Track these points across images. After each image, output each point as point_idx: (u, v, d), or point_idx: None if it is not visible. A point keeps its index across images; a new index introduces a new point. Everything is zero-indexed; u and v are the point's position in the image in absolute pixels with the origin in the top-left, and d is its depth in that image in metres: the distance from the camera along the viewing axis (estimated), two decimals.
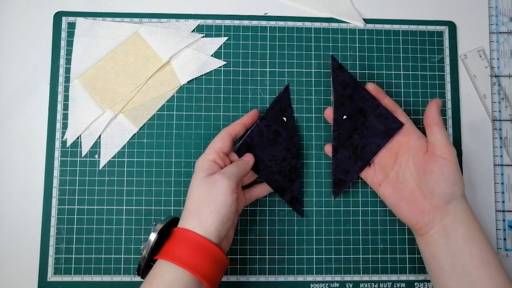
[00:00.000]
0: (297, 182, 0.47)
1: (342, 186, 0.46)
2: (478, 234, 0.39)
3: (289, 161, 0.46)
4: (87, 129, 0.48)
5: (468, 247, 0.39)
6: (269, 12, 0.51)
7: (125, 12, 0.50)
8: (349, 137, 0.46)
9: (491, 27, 0.52)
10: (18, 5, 0.50)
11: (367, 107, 0.46)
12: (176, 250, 0.37)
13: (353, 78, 0.46)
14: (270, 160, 0.46)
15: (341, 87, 0.46)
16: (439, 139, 0.41)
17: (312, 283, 0.47)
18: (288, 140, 0.47)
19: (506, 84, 0.50)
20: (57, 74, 0.49)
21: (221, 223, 0.38)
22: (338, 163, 0.46)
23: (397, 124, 0.45)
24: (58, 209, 0.47)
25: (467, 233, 0.39)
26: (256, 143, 0.46)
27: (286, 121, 0.47)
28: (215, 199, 0.38)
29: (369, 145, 0.45)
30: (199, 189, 0.39)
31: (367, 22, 0.51)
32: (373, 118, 0.45)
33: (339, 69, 0.46)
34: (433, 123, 0.42)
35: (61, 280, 0.46)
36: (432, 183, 0.40)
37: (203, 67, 0.49)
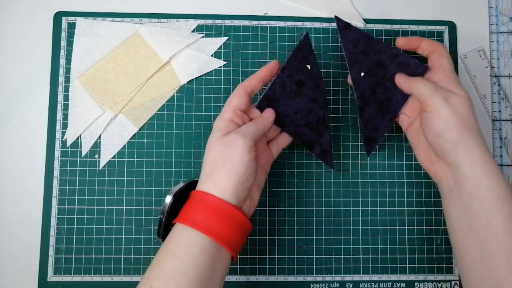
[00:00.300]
0: (326, 134, 0.44)
1: (374, 143, 0.45)
2: (485, 192, 0.36)
3: (316, 112, 0.43)
4: (87, 129, 0.48)
5: (474, 207, 0.37)
6: (269, 12, 0.51)
7: (125, 12, 0.50)
8: (372, 93, 0.44)
9: (491, 27, 0.52)
10: (18, 5, 0.50)
11: (385, 58, 0.44)
12: (193, 213, 0.36)
13: (364, 33, 0.44)
14: (295, 113, 0.43)
15: (352, 45, 0.43)
16: (420, 94, 0.40)
17: (312, 283, 0.47)
18: (313, 89, 0.43)
19: (506, 84, 0.50)
20: (57, 74, 0.49)
21: (239, 184, 0.36)
22: (366, 121, 0.44)
23: (421, 69, 0.43)
24: (58, 209, 0.47)
25: (473, 191, 0.37)
26: (279, 96, 0.42)
27: (310, 69, 0.43)
28: (229, 159, 0.37)
29: (394, 97, 0.44)
30: (214, 150, 0.38)
31: (367, 22, 0.51)
32: (394, 68, 0.43)
33: (346, 28, 0.43)
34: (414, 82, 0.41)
35: (61, 280, 0.46)
36: (423, 134, 0.40)
37: (203, 67, 0.49)
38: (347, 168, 0.49)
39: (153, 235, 0.47)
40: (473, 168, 0.37)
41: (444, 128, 0.38)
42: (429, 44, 0.43)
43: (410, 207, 0.48)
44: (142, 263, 0.46)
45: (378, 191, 0.48)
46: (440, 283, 0.47)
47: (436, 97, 0.38)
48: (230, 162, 0.37)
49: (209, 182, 0.37)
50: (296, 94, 0.43)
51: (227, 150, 0.37)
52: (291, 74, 0.42)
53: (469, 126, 0.38)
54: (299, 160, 0.48)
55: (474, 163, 0.37)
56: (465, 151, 0.37)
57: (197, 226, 0.35)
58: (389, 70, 0.44)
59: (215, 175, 0.37)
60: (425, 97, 0.39)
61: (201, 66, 0.49)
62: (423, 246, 0.48)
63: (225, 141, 0.38)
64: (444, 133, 0.38)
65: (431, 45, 0.43)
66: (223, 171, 0.37)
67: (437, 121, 0.38)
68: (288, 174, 0.48)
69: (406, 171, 0.49)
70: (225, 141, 0.38)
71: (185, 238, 0.35)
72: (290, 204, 0.48)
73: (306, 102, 0.43)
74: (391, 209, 0.48)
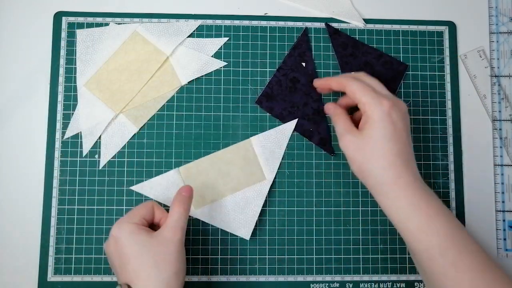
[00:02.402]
0: (323, 124, 0.48)
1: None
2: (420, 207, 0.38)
3: (311, 105, 0.48)
4: (88, 129, 0.48)
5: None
6: (269, 12, 0.51)
7: (125, 12, 0.50)
8: None
9: (491, 27, 0.52)
10: (18, 5, 0.50)
11: (371, 58, 0.49)
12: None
13: (351, 37, 0.50)
14: (292, 107, 0.48)
15: (341, 48, 0.49)
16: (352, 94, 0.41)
17: (312, 283, 0.47)
18: (307, 85, 0.48)
19: (506, 84, 0.50)
20: (57, 74, 0.49)
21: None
22: None
23: (402, 66, 0.49)
24: (58, 209, 0.47)
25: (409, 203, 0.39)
26: (276, 92, 0.48)
27: (305, 66, 0.48)
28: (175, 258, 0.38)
29: None
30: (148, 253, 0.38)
31: (367, 22, 0.51)
32: (380, 67, 0.49)
33: (335, 33, 0.50)
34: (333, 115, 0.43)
35: (61, 280, 0.46)
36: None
37: (204, 68, 0.49)
38: (347, 168, 0.49)
39: None
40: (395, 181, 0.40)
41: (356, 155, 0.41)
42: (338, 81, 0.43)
43: None
44: None
45: None
46: None
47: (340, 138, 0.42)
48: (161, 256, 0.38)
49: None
50: (292, 90, 0.49)
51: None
52: (286, 73, 0.49)
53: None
54: (299, 160, 0.48)
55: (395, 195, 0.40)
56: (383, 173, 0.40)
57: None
58: (376, 69, 0.49)
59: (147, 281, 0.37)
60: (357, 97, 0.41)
61: (201, 66, 0.49)
62: None
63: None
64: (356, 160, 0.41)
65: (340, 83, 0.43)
66: (155, 274, 0.37)
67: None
68: (288, 174, 0.48)
69: None
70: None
71: None
72: (290, 204, 0.48)
73: (301, 97, 0.48)
74: None
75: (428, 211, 0.38)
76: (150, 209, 0.41)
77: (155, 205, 0.42)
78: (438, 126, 0.49)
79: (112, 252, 0.39)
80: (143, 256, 0.37)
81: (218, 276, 0.47)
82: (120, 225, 0.39)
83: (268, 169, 0.48)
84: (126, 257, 0.37)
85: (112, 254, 0.39)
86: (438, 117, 0.50)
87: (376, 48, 0.50)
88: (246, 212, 0.47)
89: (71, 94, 0.48)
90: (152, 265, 0.37)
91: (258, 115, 0.49)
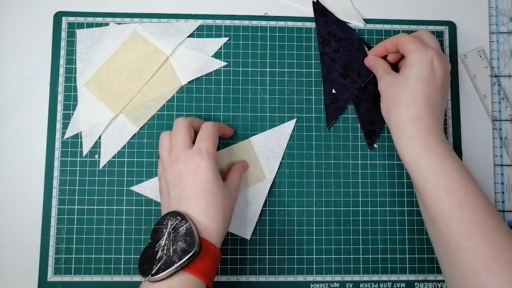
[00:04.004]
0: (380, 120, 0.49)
1: (374, 136, 0.49)
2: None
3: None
4: (88, 129, 0.48)
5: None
6: (269, 12, 0.51)
7: (125, 12, 0.50)
8: (364, 90, 0.49)
9: (491, 27, 0.52)
10: (18, 5, 0.50)
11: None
12: (207, 266, 0.36)
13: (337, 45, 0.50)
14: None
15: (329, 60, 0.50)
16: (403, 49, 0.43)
17: (312, 283, 0.47)
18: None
19: (506, 84, 0.50)
20: (57, 74, 0.49)
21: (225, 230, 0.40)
22: (363, 116, 0.49)
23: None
24: (58, 209, 0.47)
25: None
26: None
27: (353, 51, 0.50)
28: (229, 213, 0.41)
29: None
30: (223, 198, 0.39)
31: (367, 22, 0.51)
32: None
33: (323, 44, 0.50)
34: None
35: (61, 280, 0.46)
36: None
37: (204, 68, 0.49)
38: (347, 168, 0.49)
39: None
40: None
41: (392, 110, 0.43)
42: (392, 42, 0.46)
43: (410, 207, 0.48)
44: None
45: (378, 191, 0.48)
46: (440, 283, 0.47)
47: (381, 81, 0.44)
48: (229, 215, 0.41)
49: (209, 228, 0.38)
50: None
51: (230, 202, 0.41)
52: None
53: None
54: (299, 160, 0.48)
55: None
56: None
57: (206, 279, 0.36)
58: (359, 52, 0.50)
59: (213, 218, 0.38)
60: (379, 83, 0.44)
61: (201, 66, 0.49)
62: (423, 246, 0.48)
63: (229, 192, 0.42)
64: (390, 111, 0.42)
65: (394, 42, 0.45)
66: (221, 218, 0.39)
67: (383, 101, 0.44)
68: (288, 174, 0.48)
69: (406, 171, 0.49)
70: (229, 192, 0.42)
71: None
72: (290, 204, 0.48)
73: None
74: (391, 209, 0.48)
75: (441, 154, 0.39)
76: (218, 136, 0.43)
77: (219, 128, 0.44)
78: None
79: (189, 174, 0.39)
80: (218, 198, 0.39)
81: (218, 276, 0.47)
82: (208, 159, 0.39)
83: (268, 169, 0.48)
84: (202, 188, 0.38)
85: (188, 177, 0.39)
86: None
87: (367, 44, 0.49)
88: (247, 212, 0.47)
89: (71, 94, 0.48)
90: (222, 210, 0.39)
91: (258, 115, 0.49)
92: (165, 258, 0.35)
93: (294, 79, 0.50)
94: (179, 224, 0.36)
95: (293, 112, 0.49)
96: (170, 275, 0.35)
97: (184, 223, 0.36)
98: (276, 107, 0.49)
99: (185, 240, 0.35)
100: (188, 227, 0.36)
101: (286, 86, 0.50)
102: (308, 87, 0.50)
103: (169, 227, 0.37)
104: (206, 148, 0.40)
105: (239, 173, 0.45)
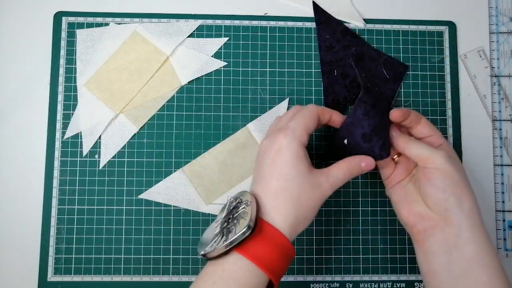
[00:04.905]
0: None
1: None
2: (488, 257, 0.35)
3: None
4: (88, 129, 0.48)
5: (474, 273, 0.35)
6: (269, 12, 0.51)
7: (125, 12, 0.50)
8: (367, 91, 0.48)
9: (491, 27, 0.52)
10: (18, 5, 0.50)
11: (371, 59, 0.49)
12: (260, 250, 0.33)
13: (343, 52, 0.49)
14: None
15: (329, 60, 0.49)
16: (416, 155, 0.39)
17: (312, 283, 0.47)
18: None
19: (506, 84, 0.50)
20: (57, 74, 0.49)
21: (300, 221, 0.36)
22: None
23: (403, 67, 0.49)
24: (58, 209, 0.47)
25: (475, 255, 0.35)
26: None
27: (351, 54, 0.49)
28: (308, 204, 0.35)
29: (385, 92, 0.49)
30: (300, 184, 0.35)
31: (367, 22, 0.51)
32: (380, 67, 0.49)
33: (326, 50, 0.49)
34: (407, 143, 0.40)
35: (61, 280, 0.46)
36: (421, 189, 0.39)
37: (204, 68, 0.49)
38: None
39: (153, 235, 0.47)
40: (475, 229, 0.36)
41: (450, 183, 0.37)
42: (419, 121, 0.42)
43: None
44: (142, 263, 0.46)
45: (378, 191, 0.48)
46: None
47: (437, 154, 0.38)
48: (313, 209, 0.36)
49: (273, 211, 0.34)
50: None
51: (315, 193, 0.36)
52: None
53: (468, 184, 0.38)
54: None
55: (475, 225, 0.36)
56: (468, 209, 0.37)
57: (267, 270, 0.33)
58: (377, 69, 0.49)
59: (281, 202, 0.35)
60: (424, 156, 0.39)
61: (201, 66, 0.49)
62: None
63: (315, 182, 0.36)
64: (449, 188, 0.37)
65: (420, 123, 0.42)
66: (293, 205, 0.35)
67: (441, 176, 0.37)
68: None
69: None
70: (316, 182, 0.36)
71: (247, 274, 0.32)
72: None
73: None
74: (391, 209, 0.48)
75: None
76: (316, 120, 0.39)
77: (319, 111, 0.40)
78: (438, 126, 0.49)
79: (271, 153, 0.36)
80: (293, 182, 0.35)
81: None
82: (291, 138, 0.36)
83: None
84: (277, 169, 0.35)
85: (269, 156, 0.36)
86: (438, 117, 0.50)
87: (376, 48, 0.50)
88: None
89: (71, 94, 0.48)
90: (295, 197, 0.35)
91: (258, 115, 0.49)
92: (220, 236, 0.33)
93: (294, 79, 0.50)
94: (242, 202, 0.35)
95: None
96: (222, 254, 0.33)
97: (246, 202, 0.34)
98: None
99: (240, 219, 0.33)
100: (248, 206, 0.34)
101: (286, 86, 0.50)
102: (308, 87, 0.50)
103: (232, 204, 0.35)
104: (293, 127, 0.37)
105: (346, 168, 0.38)
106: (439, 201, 0.38)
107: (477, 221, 0.37)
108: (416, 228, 0.39)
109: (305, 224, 0.36)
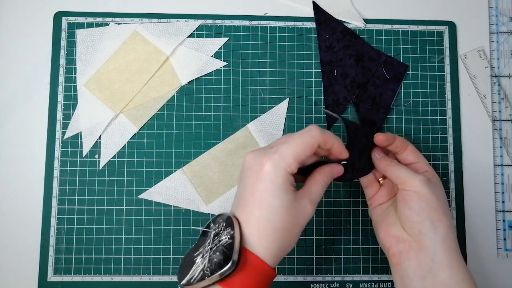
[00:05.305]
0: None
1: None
2: (464, 284, 0.35)
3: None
4: (88, 129, 0.48)
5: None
6: (269, 12, 0.51)
7: (125, 12, 0.50)
8: (365, 91, 0.49)
9: (491, 27, 0.52)
10: (18, 5, 0.50)
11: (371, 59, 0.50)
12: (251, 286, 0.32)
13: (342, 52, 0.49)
14: None
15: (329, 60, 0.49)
16: (395, 177, 0.40)
17: (312, 283, 0.47)
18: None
19: (506, 84, 0.50)
20: (57, 74, 0.49)
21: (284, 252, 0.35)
22: (363, 116, 0.48)
23: (403, 67, 0.49)
24: (58, 209, 0.47)
25: (451, 281, 0.35)
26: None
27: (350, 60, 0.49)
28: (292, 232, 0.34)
29: (385, 92, 0.49)
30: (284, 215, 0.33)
31: (367, 22, 0.51)
32: (381, 67, 0.49)
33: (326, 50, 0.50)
34: (389, 165, 0.40)
35: (61, 280, 0.46)
36: (399, 210, 0.39)
37: (204, 68, 0.49)
38: None
39: (153, 236, 0.47)
40: (450, 255, 0.36)
41: (425, 206, 0.38)
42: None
43: None
44: (142, 263, 0.46)
45: None
46: None
47: (416, 177, 0.39)
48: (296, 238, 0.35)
49: (257, 243, 0.33)
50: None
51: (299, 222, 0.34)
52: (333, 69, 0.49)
53: (445, 210, 0.38)
54: None
55: (450, 251, 0.37)
56: (443, 235, 0.37)
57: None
58: (377, 69, 0.49)
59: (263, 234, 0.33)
60: (403, 179, 0.39)
61: (201, 66, 0.49)
62: None
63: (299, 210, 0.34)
64: (424, 211, 0.37)
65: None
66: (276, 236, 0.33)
67: (418, 199, 0.38)
68: None
69: None
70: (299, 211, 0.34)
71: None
72: None
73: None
74: None
75: None
76: (312, 148, 0.35)
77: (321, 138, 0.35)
78: (438, 126, 0.49)
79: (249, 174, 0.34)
80: (276, 213, 0.33)
81: None
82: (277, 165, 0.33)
83: None
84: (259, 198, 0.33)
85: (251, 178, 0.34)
86: (438, 117, 0.50)
87: (376, 48, 0.50)
88: None
89: (71, 94, 0.48)
90: (278, 228, 0.33)
91: (258, 115, 0.49)
92: (201, 268, 0.32)
93: (294, 79, 0.50)
94: (224, 230, 0.33)
95: (293, 112, 0.49)
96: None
97: (229, 230, 0.32)
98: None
99: (223, 252, 0.31)
100: (231, 237, 0.32)
101: (286, 86, 0.50)
102: (308, 87, 0.50)
103: (214, 232, 0.33)
104: (282, 153, 0.34)
105: (322, 181, 0.37)
106: (414, 224, 0.38)
107: (452, 247, 0.37)
108: (392, 250, 0.39)
109: (290, 249, 0.35)
